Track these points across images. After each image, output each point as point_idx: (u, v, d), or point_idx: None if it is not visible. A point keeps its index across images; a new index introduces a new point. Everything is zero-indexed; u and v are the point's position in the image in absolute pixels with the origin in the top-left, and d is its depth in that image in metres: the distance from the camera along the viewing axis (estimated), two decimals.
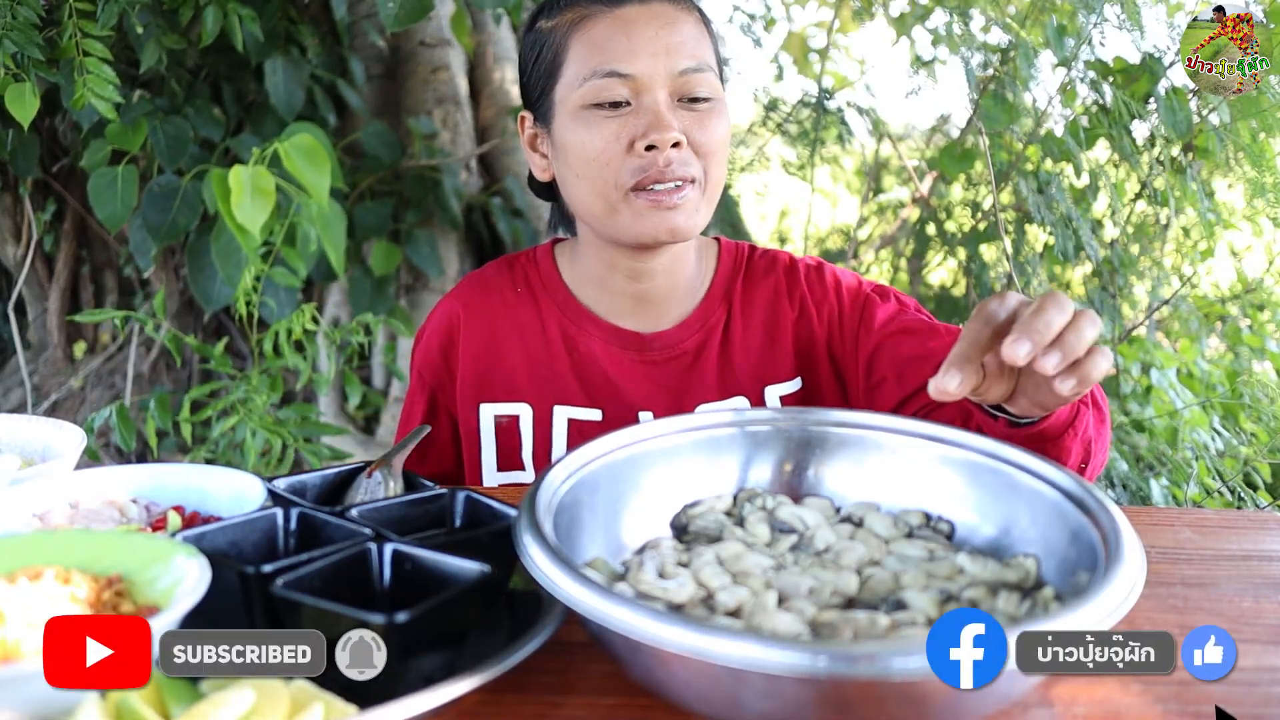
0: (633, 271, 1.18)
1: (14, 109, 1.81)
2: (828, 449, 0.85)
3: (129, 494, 0.86)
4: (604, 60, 1.08)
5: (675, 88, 1.08)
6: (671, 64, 1.08)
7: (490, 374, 1.21)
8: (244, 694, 0.55)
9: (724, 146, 1.12)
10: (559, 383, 1.20)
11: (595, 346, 1.20)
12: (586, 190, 1.11)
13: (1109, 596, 0.58)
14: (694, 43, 1.10)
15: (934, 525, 0.79)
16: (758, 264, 1.25)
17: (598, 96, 1.08)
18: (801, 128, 2.86)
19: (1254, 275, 2.89)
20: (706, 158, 1.10)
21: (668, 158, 1.06)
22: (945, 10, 2.65)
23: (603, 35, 1.09)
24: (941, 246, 2.89)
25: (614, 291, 1.21)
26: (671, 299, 1.21)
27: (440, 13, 2.95)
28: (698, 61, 1.09)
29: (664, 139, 1.06)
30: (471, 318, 1.24)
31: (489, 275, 1.28)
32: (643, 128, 1.07)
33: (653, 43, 1.08)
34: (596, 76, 1.08)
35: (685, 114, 1.09)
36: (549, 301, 1.23)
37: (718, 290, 1.23)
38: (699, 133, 1.09)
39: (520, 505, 0.70)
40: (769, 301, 1.23)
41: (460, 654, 0.65)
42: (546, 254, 1.27)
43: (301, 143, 1.99)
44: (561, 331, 1.22)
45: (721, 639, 0.54)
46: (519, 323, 1.23)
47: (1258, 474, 2.15)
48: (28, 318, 3.06)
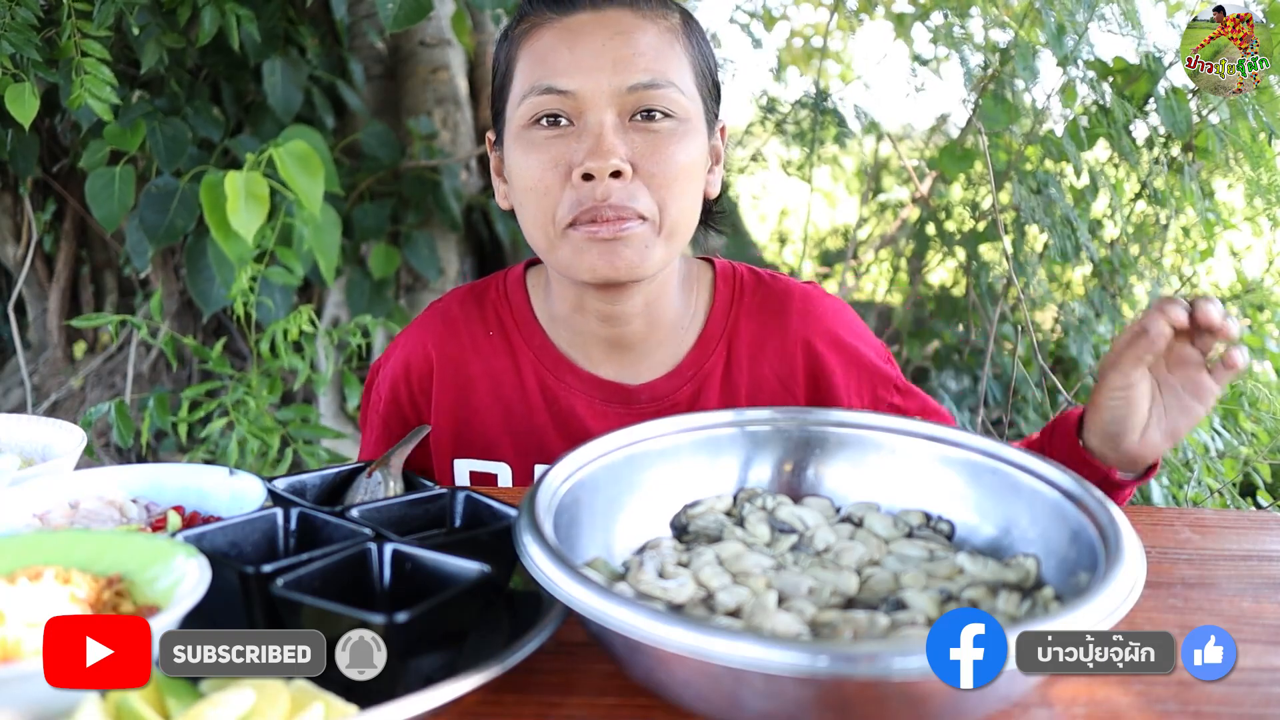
0: (603, 314, 1.05)
1: (13, 109, 1.81)
2: (828, 449, 0.85)
3: (129, 494, 0.86)
4: (543, 74, 0.96)
5: (625, 106, 0.95)
6: (619, 79, 0.94)
7: (466, 429, 1.11)
8: (244, 694, 0.55)
9: (688, 175, 0.98)
10: (539, 438, 1.09)
11: (576, 401, 1.08)
12: (528, 221, 1.00)
13: (1109, 596, 0.58)
14: (653, 55, 0.96)
15: (934, 525, 0.79)
16: (767, 297, 1.10)
17: (535, 114, 0.96)
18: (800, 128, 2.86)
19: (1254, 275, 2.89)
20: (661, 189, 0.95)
21: (607, 189, 0.93)
22: (944, 10, 2.65)
23: (546, 47, 0.97)
24: (941, 246, 2.89)
25: (587, 335, 1.08)
26: (652, 342, 1.08)
27: (440, 13, 2.95)
28: (654, 76, 0.95)
29: (601, 167, 0.92)
30: (444, 364, 1.11)
31: (456, 314, 1.14)
32: (582, 152, 0.94)
33: (598, 55, 0.95)
34: (534, 93, 0.96)
35: (637, 137, 0.95)
36: (524, 347, 1.10)
37: (713, 329, 1.09)
38: (651, 159, 0.95)
39: (520, 505, 0.70)
40: (772, 343, 1.09)
41: (460, 654, 0.65)
42: (519, 285, 1.14)
43: (296, 149, 1.99)
44: (539, 382, 1.09)
45: (721, 639, 0.54)
46: (493, 372, 1.10)
47: (1258, 474, 2.15)
48: (28, 318, 3.06)
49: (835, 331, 1.10)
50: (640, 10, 0.99)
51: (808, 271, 3.78)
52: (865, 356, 1.11)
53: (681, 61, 0.99)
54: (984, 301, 2.71)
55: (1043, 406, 2.47)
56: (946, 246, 2.85)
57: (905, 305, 3.07)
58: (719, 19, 8.54)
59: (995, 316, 2.31)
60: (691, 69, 1.01)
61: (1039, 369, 2.16)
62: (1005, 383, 2.66)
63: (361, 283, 2.75)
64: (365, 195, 2.75)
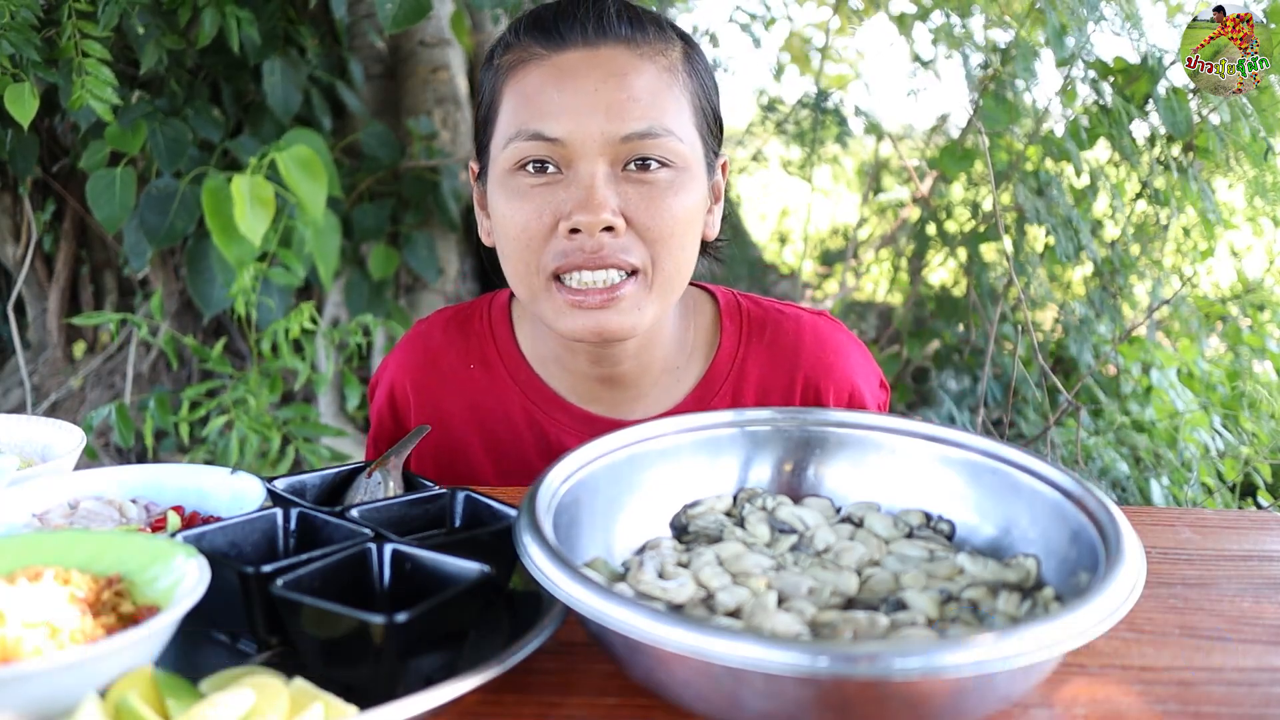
0: (593, 356, 1.00)
1: (13, 109, 1.81)
2: (827, 449, 0.85)
3: (129, 494, 0.86)
4: (531, 117, 0.89)
5: (618, 155, 0.89)
6: (613, 127, 0.87)
7: (448, 462, 1.07)
8: (244, 694, 0.55)
9: (685, 227, 0.92)
10: (529, 470, 1.04)
11: (567, 439, 1.03)
12: (511, 270, 0.95)
13: (1109, 597, 0.58)
14: (650, 99, 0.89)
15: (934, 525, 0.79)
16: (776, 335, 1.05)
17: (520, 159, 0.90)
18: (800, 128, 2.86)
19: (1254, 275, 2.89)
20: (655, 244, 0.90)
21: (598, 244, 0.88)
22: (945, 11, 2.65)
23: (534, 86, 0.90)
24: (941, 246, 2.89)
25: (576, 374, 1.03)
26: (646, 381, 1.03)
27: (440, 13, 2.95)
28: (649, 124, 0.88)
29: (591, 222, 0.86)
30: (422, 399, 1.07)
31: (438, 345, 1.09)
32: (570, 203, 0.88)
33: (591, 99, 0.88)
34: (521, 137, 0.90)
35: (631, 188, 0.89)
36: (510, 383, 1.06)
37: (719, 370, 1.04)
38: (646, 212, 0.89)
39: (520, 505, 0.70)
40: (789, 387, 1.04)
41: (460, 654, 0.65)
42: (504, 317, 1.08)
43: (299, 154, 1.99)
44: (528, 417, 1.05)
45: (721, 639, 0.53)
46: (476, 407, 1.06)
47: (1258, 474, 2.15)
48: (27, 318, 3.06)
49: (847, 377, 1.06)
50: (637, 47, 0.91)
51: (808, 271, 3.78)
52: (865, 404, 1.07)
53: (680, 103, 0.92)
54: (984, 301, 2.71)
55: (1043, 406, 2.47)
56: (947, 246, 2.85)
57: (905, 305, 3.07)
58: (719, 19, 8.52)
59: (995, 316, 2.31)
60: (691, 108, 0.94)
61: (1039, 369, 2.16)
62: (1005, 383, 2.66)
63: (361, 283, 2.75)
64: (365, 196, 2.75)
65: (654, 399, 1.04)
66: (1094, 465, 2.35)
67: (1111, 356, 2.67)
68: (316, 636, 0.62)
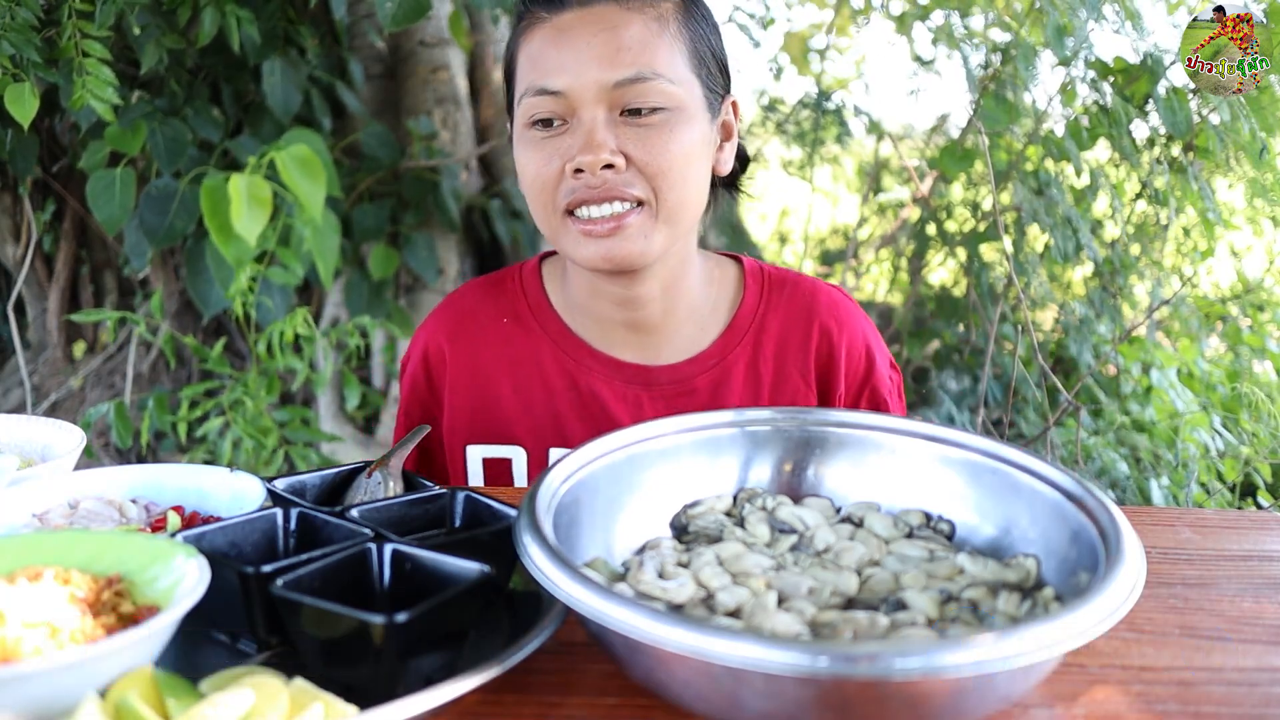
0: (619, 298, 1.09)
1: (13, 109, 1.81)
2: (828, 449, 0.85)
3: (129, 494, 0.86)
4: (536, 76, 1.00)
5: (614, 101, 0.98)
6: (606, 75, 0.97)
7: (481, 415, 1.13)
8: (244, 694, 0.55)
9: (684, 161, 1.00)
10: (558, 423, 1.11)
11: (597, 383, 1.11)
12: (534, 212, 1.05)
13: (1109, 597, 0.58)
14: (639, 47, 0.98)
15: (934, 525, 0.79)
16: (794, 294, 1.14)
17: (530, 116, 1.00)
18: (800, 128, 2.86)
19: (1254, 275, 2.89)
20: (655, 178, 0.99)
21: (600, 179, 0.98)
22: (945, 10, 2.65)
23: (538, 48, 1.01)
24: (941, 246, 2.89)
25: (604, 320, 1.12)
26: (670, 326, 1.12)
27: (440, 12, 2.95)
28: (639, 69, 0.97)
29: (591, 161, 0.96)
30: (457, 353, 1.14)
31: (471, 303, 1.17)
32: (574, 149, 0.98)
33: (584, 53, 0.97)
34: (529, 94, 1.00)
35: (628, 130, 0.98)
36: (542, 334, 1.13)
37: (742, 321, 1.13)
38: (644, 150, 0.98)
39: (520, 505, 0.70)
40: (806, 351, 1.12)
41: (460, 654, 0.65)
42: (534, 275, 1.17)
43: (298, 153, 1.99)
44: (559, 367, 1.12)
45: (721, 639, 0.53)
46: (511, 358, 1.13)
47: (1258, 474, 2.15)
48: (27, 318, 3.06)
49: (862, 335, 1.15)
50: (627, 3, 1.00)
51: (808, 271, 3.78)
52: (877, 363, 1.15)
53: (671, 49, 1.00)
54: (984, 301, 2.71)
55: (1042, 406, 2.47)
56: (947, 246, 2.85)
57: (905, 305, 3.07)
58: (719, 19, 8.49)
59: (995, 316, 2.31)
60: (687, 53, 1.02)
61: (1039, 369, 2.16)
62: (1005, 383, 2.66)
63: (360, 283, 2.75)
64: (365, 196, 2.75)
65: (679, 346, 1.12)
66: (1093, 465, 2.35)
67: (1111, 356, 2.67)
68: (316, 636, 0.62)
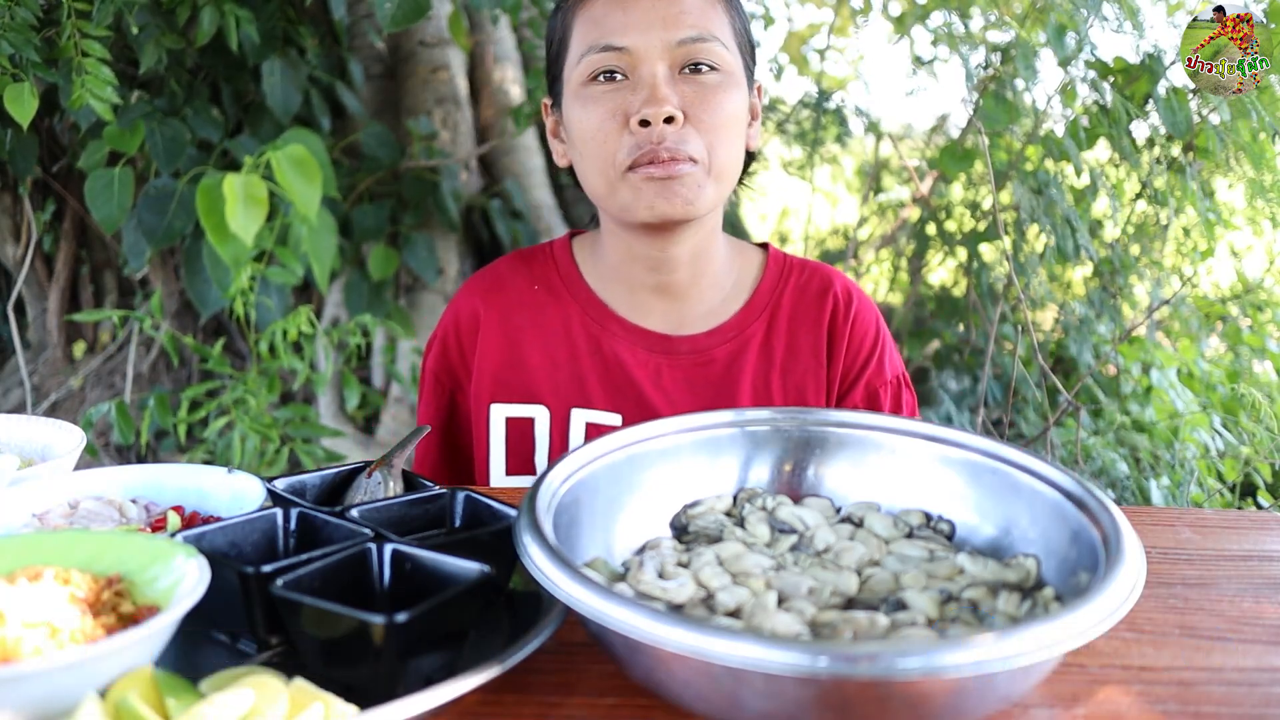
0: (652, 261, 1.14)
1: (13, 109, 1.81)
2: (827, 449, 0.85)
3: (129, 494, 0.86)
4: (600, 35, 1.06)
5: (675, 59, 1.05)
6: (669, 35, 1.04)
7: (507, 374, 1.18)
8: (244, 694, 0.55)
9: (733, 123, 1.07)
10: (581, 385, 1.16)
11: (620, 348, 1.17)
12: (589, 169, 1.09)
13: (1109, 597, 0.58)
14: (698, 13, 1.06)
15: (934, 525, 0.79)
16: (811, 277, 1.20)
17: (593, 70, 1.06)
18: (800, 128, 2.86)
19: (1254, 275, 2.89)
20: (710, 133, 1.05)
21: (661, 133, 1.03)
22: (945, 10, 2.65)
23: (601, 11, 1.07)
24: (941, 246, 2.89)
25: (635, 285, 1.17)
26: (695, 294, 1.18)
27: (440, 12, 2.95)
28: (699, 31, 1.05)
29: (657, 113, 1.02)
30: (491, 313, 1.20)
31: (503, 272, 1.23)
32: (638, 102, 1.04)
33: (649, 14, 1.05)
34: (593, 51, 1.06)
35: (687, 87, 1.05)
36: (571, 300, 1.19)
37: (761, 299, 1.19)
38: (700, 107, 1.05)
39: (520, 505, 0.70)
40: (818, 327, 1.17)
41: (460, 654, 0.65)
42: (564, 249, 1.23)
43: (294, 153, 1.99)
44: (586, 332, 1.18)
45: (721, 639, 0.53)
46: (540, 323, 1.19)
47: (1258, 474, 2.15)
48: (27, 318, 3.06)
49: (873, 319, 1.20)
50: None
51: None
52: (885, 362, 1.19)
53: (723, 20, 1.09)
54: (984, 301, 2.71)
55: (1042, 406, 2.47)
56: (947, 246, 2.85)
57: (905, 305, 3.07)
58: None
59: (995, 316, 2.30)
60: (731, 29, 1.10)
61: (1039, 369, 2.16)
62: (1005, 383, 2.66)
63: (360, 284, 2.75)
64: (365, 196, 2.75)
65: (701, 317, 1.18)
66: (1093, 465, 2.35)
67: (1111, 356, 2.67)
68: (316, 636, 0.62)
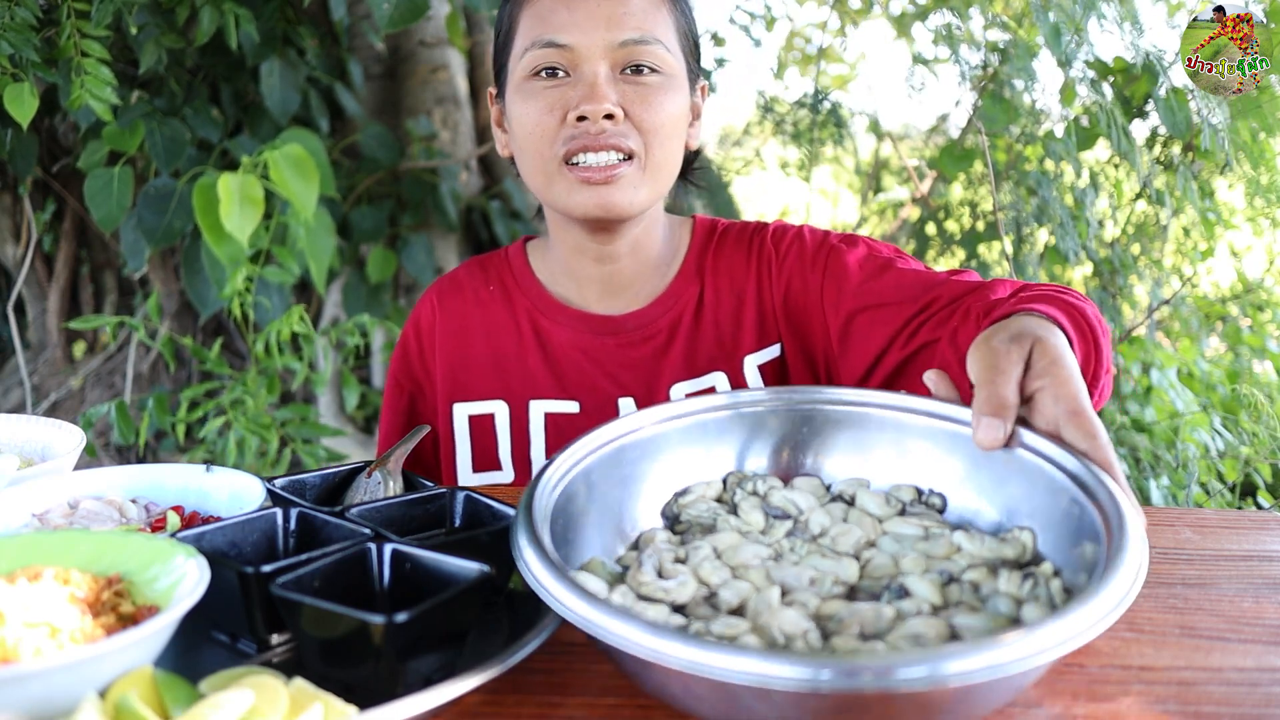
0: (598, 254, 1.17)
1: (12, 109, 1.81)
2: (816, 427, 0.84)
3: (129, 494, 0.86)
4: (544, 31, 1.07)
5: (616, 60, 1.06)
6: (612, 35, 1.06)
7: (463, 373, 1.21)
8: (243, 694, 0.55)
9: (671, 124, 1.09)
10: (531, 377, 1.19)
11: (564, 335, 1.19)
12: (528, 161, 1.11)
13: (1109, 596, 0.57)
14: (641, 14, 1.07)
15: (925, 500, 0.79)
16: (729, 236, 1.23)
17: (535, 66, 1.07)
18: (799, 128, 2.86)
19: (1254, 275, 2.89)
20: (647, 133, 1.07)
21: (600, 128, 1.04)
22: (945, 10, 2.65)
23: (547, 7, 1.08)
24: (941, 246, 2.89)
25: (583, 278, 1.20)
26: (639, 280, 1.20)
27: (439, 13, 2.95)
28: (642, 33, 1.06)
29: (596, 110, 1.04)
30: (445, 318, 1.24)
31: (460, 276, 1.27)
32: (576, 98, 1.05)
33: (593, 13, 1.06)
34: (536, 47, 1.07)
35: (627, 87, 1.07)
36: (521, 297, 1.23)
37: (690, 266, 1.21)
38: (639, 107, 1.06)
39: (517, 509, 0.70)
40: (735, 270, 1.20)
41: (460, 654, 0.65)
42: (519, 251, 1.27)
43: (291, 153, 1.99)
44: (532, 324, 1.21)
45: (721, 654, 0.53)
46: (490, 321, 1.23)
47: (1258, 474, 2.15)
48: (27, 318, 3.06)
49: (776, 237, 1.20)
50: None
51: None
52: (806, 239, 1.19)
53: (667, 23, 1.10)
54: None
55: None
56: (946, 246, 2.85)
57: None
58: (719, 19, 8.52)
59: None
60: (676, 31, 1.12)
61: None
62: None
63: (359, 285, 2.75)
64: (364, 197, 2.75)
65: (640, 294, 1.21)
66: None
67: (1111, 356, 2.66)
68: (316, 636, 0.62)
